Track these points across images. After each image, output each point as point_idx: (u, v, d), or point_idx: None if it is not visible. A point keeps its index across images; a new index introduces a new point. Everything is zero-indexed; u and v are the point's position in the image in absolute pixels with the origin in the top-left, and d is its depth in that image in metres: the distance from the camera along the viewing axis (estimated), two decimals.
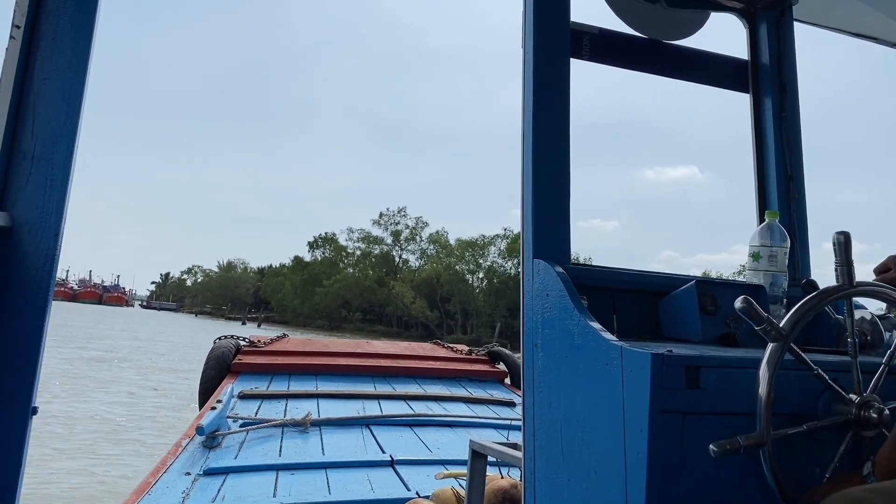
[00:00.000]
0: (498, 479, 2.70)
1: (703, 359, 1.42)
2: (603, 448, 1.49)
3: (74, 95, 1.66)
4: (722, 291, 1.89)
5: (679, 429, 1.39)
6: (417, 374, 6.28)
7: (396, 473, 3.60)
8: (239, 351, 6.17)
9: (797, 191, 2.33)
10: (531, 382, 1.81)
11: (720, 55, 2.42)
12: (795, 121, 2.38)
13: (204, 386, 5.64)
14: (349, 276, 70.71)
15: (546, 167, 1.89)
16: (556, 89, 1.94)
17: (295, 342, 7.06)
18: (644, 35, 2.27)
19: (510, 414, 5.17)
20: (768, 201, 2.34)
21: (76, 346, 25.48)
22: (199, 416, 4.39)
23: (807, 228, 2.33)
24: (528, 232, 1.88)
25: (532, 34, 1.93)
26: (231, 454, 3.78)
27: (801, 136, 2.39)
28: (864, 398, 1.48)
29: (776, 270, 2.01)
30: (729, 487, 1.44)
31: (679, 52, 2.34)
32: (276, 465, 3.63)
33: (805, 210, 2.34)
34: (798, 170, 2.35)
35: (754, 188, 2.38)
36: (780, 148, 2.35)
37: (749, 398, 1.42)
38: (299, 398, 5.15)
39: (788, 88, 2.39)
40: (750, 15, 2.45)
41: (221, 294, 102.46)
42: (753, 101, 2.43)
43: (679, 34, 2.32)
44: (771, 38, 2.41)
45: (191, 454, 3.74)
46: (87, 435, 10.79)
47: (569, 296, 1.69)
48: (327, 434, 4.30)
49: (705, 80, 2.40)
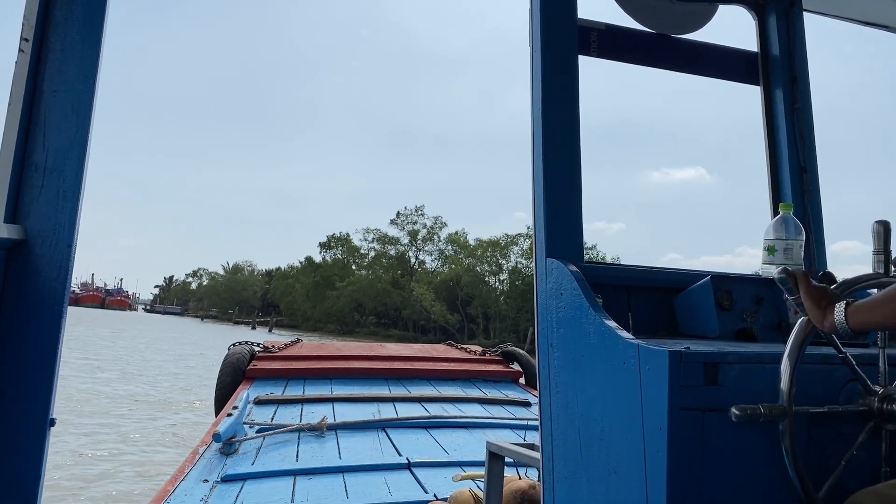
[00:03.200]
0: (516, 480, 2.69)
1: (721, 355, 1.40)
2: (622, 447, 1.48)
3: (84, 106, 1.66)
4: (738, 286, 1.87)
5: (699, 426, 1.37)
6: (432, 376, 6.28)
7: (414, 476, 3.59)
8: (254, 357, 6.19)
9: (811, 183, 2.31)
10: (547, 382, 1.80)
11: (729, 48, 2.40)
12: (808, 112, 2.36)
13: (220, 392, 5.66)
14: (363, 277, 68.44)
15: (557, 165, 1.88)
16: (565, 87, 1.93)
17: (309, 347, 7.07)
18: (652, 30, 2.25)
19: (526, 414, 5.15)
20: (782, 194, 2.31)
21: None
22: (216, 422, 4.40)
23: (822, 221, 2.30)
24: (540, 231, 1.87)
25: (539, 32, 1.92)
26: (248, 460, 3.79)
27: (813, 127, 2.37)
28: (889, 391, 1.47)
29: (792, 264, 1.98)
30: (751, 485, 1.42)
31: (688, 45, 2.32)
32: (294, 470, 3.63)
33: (819, 202, 2.31)
34: (811, 162, 2.33)
35: (767, 181, 2.36)
36: (792, 140, 2.33)
37: (769, 393, 1.41)
38: (315, 402, 5.15)
39: (800, 79, 2.36)
40: (759, 6, 2.43)
41: (228, 297, 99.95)
42: (764, 94, 2.41)
43: (687, 28, 2.30)
44: (780, 29, 2.39)
45: (208, 461, 3.75)
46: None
47: (583, 294, 1.68)
48: (343, 438, 4.30)
49: (715, 73, 2.38)
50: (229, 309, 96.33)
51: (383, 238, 70.20)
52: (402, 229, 68.87)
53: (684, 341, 1.59)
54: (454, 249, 65.75)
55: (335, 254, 74.89)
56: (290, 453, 3.95)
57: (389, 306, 66.46)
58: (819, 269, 2.13)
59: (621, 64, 2.23)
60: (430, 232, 67.82)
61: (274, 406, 5.02)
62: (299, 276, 78.31)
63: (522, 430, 4.55)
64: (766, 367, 1.43)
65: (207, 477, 3.47)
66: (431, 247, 68.17)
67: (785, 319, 1.88)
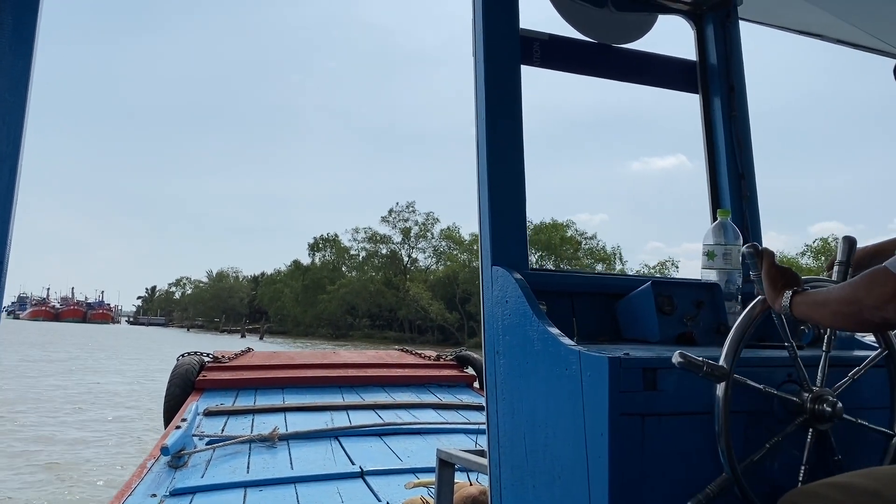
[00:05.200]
0: (467, 486, 2.70)
1: (660, 360, 1.43)
2: (565, 453, 1.49)
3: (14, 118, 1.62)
4: (678, 291, 1.91)
5: (639, 431, 1.40)
6: (386, 383, 6.26)
7: (367, 485, 3.57)
8: (203, 367, 6.09)
9: (748, 189, 2.37)
10: (494, 390, 1.81)
11: (669, 57, 2.45)
12: (745, 119, 2.42)
13: (168, 404, 5.55)
14: (355, 279, 65.56)
15: (501, 174, 1.90)
16: (508, 96, 1.95)
17: (260, 356, 6.98)
18: (593, 40, 2.29)
19: (480, 418, 5.16)
20: (721, 200, 2.37)
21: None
22: (164, 435, 4.31)
23: (759, 225, 2.36)
24: (485, 240, 1.89)
25: (482, 42, 1.94)
26: (198, 473, 3.72)
27: (750, 134, 2.43)
28: (823, 391, 1.51)
29: (730, 268, 2.04)
30: (691, 488, 1.45)
31: (628, 55, 2.36)
32: (245, 482, 3.58)
33: (757, 207, 2.38)
34: (749, 168, 2.39)
35: (707, 187, 2.42)
36: (730, 147, 2.38)
37: (707, 397, 1.44)
38: (266, 413, 5.09)
39: (737, 87, 2.42)
40: (696, 16, 2.49)
41: (214, 306, 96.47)
42: (703, 102, 2.46)
43: (628, 38, 2.35)
44: (718, 39, 2.45)
45: (156, 475, 3.67)
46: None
47: (527, 302, 1.69)
48: (295, 448, 4.25)
49: (655, 82, 2.43)
50: (216, 317, 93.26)
51: (374, 237, 67.70)
52: (394, 227, 66.38)
53: (626, 346, 1.62)
54: (448, 245, 63.69)
55: (324, 256, 72.41)
56: (240, 465, 3.89)
57: (384, 307, 64.00)
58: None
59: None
60: (424, 228, 65.57)
61: (224, 417, 4.95)
62: (287, 280, 75.50)
63: (476, 434, 4.56)
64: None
65: (155, 491, 3.40)
66: (425, 244, 65.89)
67: (724, 323, 1.93)
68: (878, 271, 1.20)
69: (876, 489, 1.27)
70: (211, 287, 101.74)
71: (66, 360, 26.80)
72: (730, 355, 1.45)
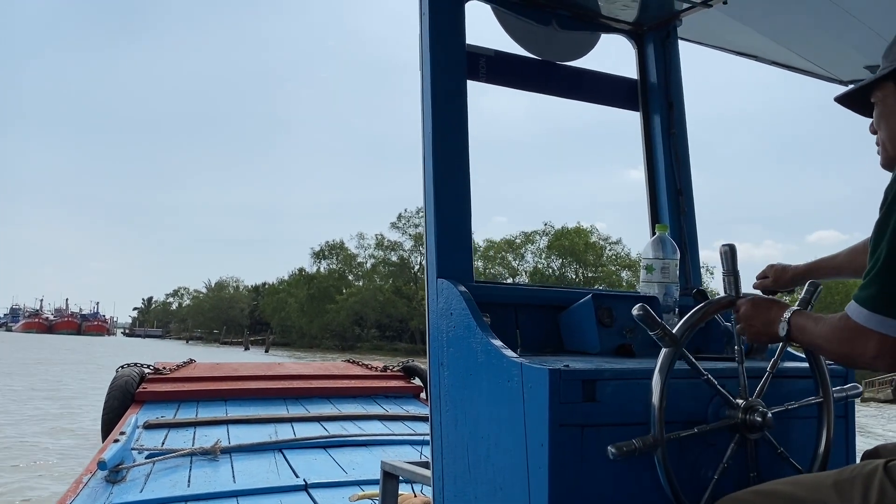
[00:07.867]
0: (412, 498, 2.71)
1: (598, 372, 1.47)
2: (507, 464, 1.52)
3: None
4: (617, 304, 1.95)
5: (578, 441, 1.43)
6: (331, 394, 6.20)
7: (311, 497, 3.54)
8: (143, 379, 5.94)
9: (686, 204, 2.44)
10: (438, 401, 1.83)
11: (611, 75, 2.51)
12: (683, 136, 2.49)
13: (107, 417, 5.40)
14: (364, 288, 62.47)
15: (447, 188, 1.92)
16: (454, 111, 1.97)
17: (203, 367, 6.86)
18: (538, 57, 2.33)
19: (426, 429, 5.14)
20: (659, 215, 2.44)
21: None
22: (102, 449, 4.20)
23: (696, 240, 2.44)
24: (431, 252, 1.91)
25: (429, 56, 1.96)
26: (136, 488, 3.63)
27: (688, 151, 2.50)
28: (750, 403, 1.57)
29: (668, 281, 2.10)
30: (628, 497, 1.49)
31: (572, 72, 2.41)
32: (185, 496, 3.51)
33: (694, 222, 2.45)
34: (686, 184, 2.46)
35: (647, 203, 2.48)
36: (669, 163, 2.45)
37: (644, 408, 1.48)
38: (208, 425, 5.00)
39: (675, 105, 2.50)
40: (638, 36, 2.56)
41: (213, 317, 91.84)
42: (643, 119, 2.53)
43: (571, 55, 2.40)
44: (658, 58, 2.52)
45: (92, 490, 3.57)
46: None
47: (471, 314, 1.71)
48: (238, 461, 4.18)
49: (598, 99, 2.49)
50: (215, 329, 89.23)
51: (382, 243, 64.74)
52: (405, 233, 63.39)
53: (567, 358, 1.65)
54: None
55: (330, 263, 69.33)
56: (181, 479, 3.81)
57: (394, 317, 61.24)
58: (693, 286, 2.26)
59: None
60: None
61: (165, 430, 4.84)
62: (292, 289, 71.75)
63: (422, 445, 4.56)
64: (642, 383, 1.50)
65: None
66: None
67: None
68: (850, 328, 1.29)
69: (799, 496, 1.33)
70: (210, 297, 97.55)
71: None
72: (683, 327, 1.52)
